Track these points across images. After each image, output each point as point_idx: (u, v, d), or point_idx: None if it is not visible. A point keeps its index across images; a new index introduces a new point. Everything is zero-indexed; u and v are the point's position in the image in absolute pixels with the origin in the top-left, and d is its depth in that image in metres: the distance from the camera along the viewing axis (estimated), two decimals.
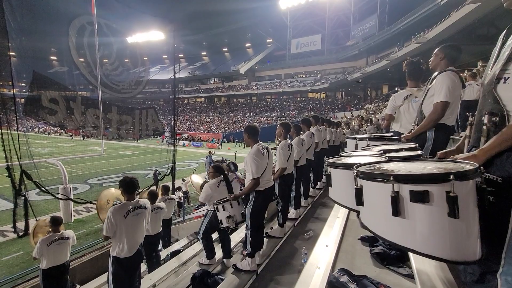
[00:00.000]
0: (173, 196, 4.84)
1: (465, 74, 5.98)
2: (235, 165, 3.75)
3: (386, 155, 1.58)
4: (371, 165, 1.26)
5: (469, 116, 1.24)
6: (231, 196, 2.85)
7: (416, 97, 2.85)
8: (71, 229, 8.77)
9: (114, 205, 2.69)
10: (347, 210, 3.77)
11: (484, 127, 1.08)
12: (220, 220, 2.95)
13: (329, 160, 1.63)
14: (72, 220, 9.48)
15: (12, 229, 6.48)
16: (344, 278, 2.13)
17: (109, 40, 11.68)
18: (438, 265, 1.82)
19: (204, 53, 65.43)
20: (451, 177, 0.86)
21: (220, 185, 3.30)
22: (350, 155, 1.94)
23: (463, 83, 2.31)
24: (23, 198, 5.44)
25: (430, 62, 2.42)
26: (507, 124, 1.02)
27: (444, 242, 0.90)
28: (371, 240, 2.83)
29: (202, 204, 9.81)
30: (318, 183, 5.63)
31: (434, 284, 1.66)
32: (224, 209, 2.89)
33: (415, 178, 0.95)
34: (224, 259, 3.41)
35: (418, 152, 1.74)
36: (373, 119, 10.71)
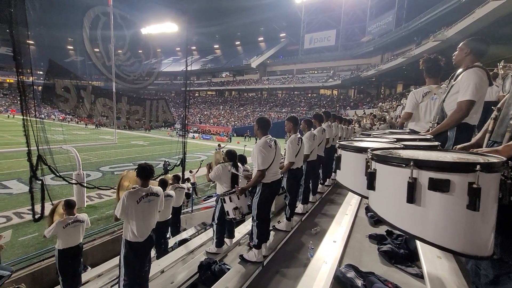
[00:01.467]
0: (183, 185, 4.92)
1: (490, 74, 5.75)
2: (244, 158, 3.78)
3: (401, 143, 1.53)
4: (386, 150, 1.22)
5: (494, 109, 1.19)
6: (238, 189, 2.88)
7: (435, 94, 2.75)
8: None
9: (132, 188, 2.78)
10: (356, 207, 3.74)
11: (511, 121, 1.03)
12: (227, 211, 2.99)
13: (341, 143, 1.60)
14: (85, 206, 9.80)
15: (30, 212, 6.76)
16: (351, 274, 2.12)
17: (123, 31, 11.77)
18: (449, 267, 1.78)
19: (216, 46, 65.37)
20: (478, 167, 0.83)
21: (230, 170, 3.36)
22: (362, 140, 1.90)
23: (491, 80, 2.18)
24: (40, 182, 5.66)
25: (453, 57, 2.30)
26: None
27: (457, 234, 0.88)
28: (379, 238, 2.80)
29: (210, 197, 9.94)
30: (327, 179, 5.59)
31: (444, 284, 1.62)
32: (231, 201, 2.93)
33: (438, 166, 0.91)
34: (227, 239, 3.57)
35: (435, 143, 1.68)
36: (387, 117, 10.47)
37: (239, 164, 3.77)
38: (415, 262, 2.37)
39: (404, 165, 0.95)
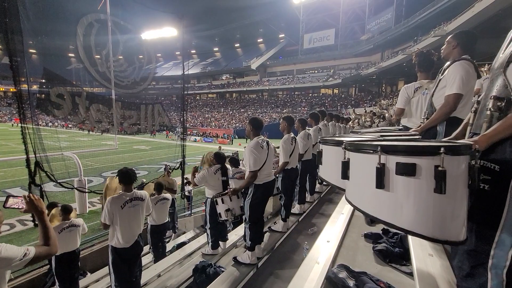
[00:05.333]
0: (167, 195, 4.76)
1: (485, 68, 5.69)
2: (236, 160, 3.76)
3: (383, 137, 1.53)
4: (362, 141, 1.22)
5: (474, 103, 1.16)
6: (230, 190, 2.85)
7: (426, 89, 2.71)
8: (85, 220, 9.08)
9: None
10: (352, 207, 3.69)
11: (488, 112, 1.00)
12: (219, 213, 2.96)
13: (322, 138, 1.61)
14: (87, 212, 9.83)
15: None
16: (343, 274, 2.08)
17: (116, 37, 11.83)
18: (440, 264, 1.74)
19: (216, 49, 65.68)
20: (442, 149, 0.83)
21: (216, 173, 3.34)
22: (345, 136, 1.90)
23: (478, 73, 2.15)
24: (39, 188, 5.69)
25: (442, 51, 2.27)
26: None
27: (427, 219, 0.87)
28: (374, 237, 2.76)
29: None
30: None
31: (435, 282, 1.58)
32: (223, 202, 2.90)
33: (404, 150, 0.92)
34: (220, 242, 3.54)
35: (416, 136, 1.67)
36: (386, 114, 10.40)
37: (229, 166, 3.75)
38: (410, 260, 2.32)
39: (372, 151, 0.96)
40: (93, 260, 5.33)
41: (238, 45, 62.96)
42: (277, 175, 3.43)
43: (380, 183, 0.92)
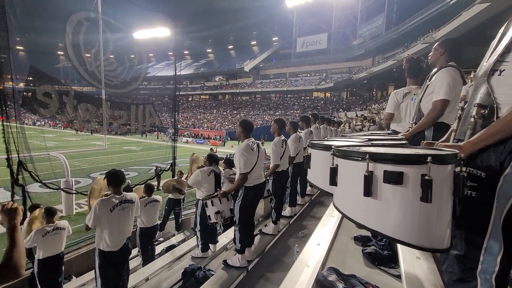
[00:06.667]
0: (157, 197, 4.67)
1: (471, 75, 5.86)
2: (231, 161, 3.73)
3: (371, 142, 1.54)
4: (351, 146, 1.22)
5: (459, 109, 1.19)
6: (220, 192, 2.82)
7: (414, 94, 2.77)
8: (72, 222, 8.84)
9: (105, 196, 2.68)
10: None
11: (472, 119, 1.03)
12: (209, 216, 2.93)
13: (310, 141, 1.60)
14: (74, 213, 9.58)
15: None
16: (332, 277, 2.08)
17: (106, 36, 11.62)
18: (427, 267, 1.76)
19: (209, 50, 65.52)
20: (428, 159, 0.83)
21: (210, 174, 3.31)
22: (334, 139, 1.91)
23: (464, 79, 2.22)
24: (22, 189, 5.50)
25: (429, 57, 2.33)
26: (495, 117, 0.97)
27: (413, 227, 0.88)
28: (364, 240, 2.78)
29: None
30: None
31: (422, 285, 1.60)
32: (212, 205, 2.87)
33: (391, 158, 0.92)
34: (210, 244, 3.51)
35: (403, 142, 1.69)
36: (376, 119, 10.57)
37: (221, 168, 3.73)
38: (398, 263, 2.35)
39: (360, 159, 0.96)
40: (79, 263, 5.18)
41: (231, 47, 62.99)
42: (268, 178, 3.43)
43: (368, 191, 0.92)
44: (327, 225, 3.14)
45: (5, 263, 1.12)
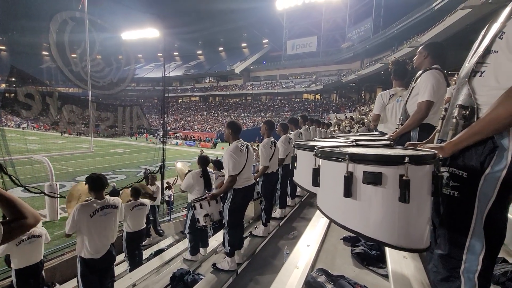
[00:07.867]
0: (145, 201, 4.53)
1: (455, 78, 6.07)
2: (220, 163, 3.70)
3: (356, 143, 1.55)
4: (334, 147, 1.22)
5: (442, 110, 1.21)
6: (209, 195, 2.79)
7: (400, 96, 2.83)
8: (56, 227, 8.54)
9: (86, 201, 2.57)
10: None
11: (453, 120, 1.05)
12: (197, 219, 2.89)
13: (297, 142, 1.61)
14: (58, 218, 9.26)
15: None
16: (321, 278, 2.08)
17: (93, 36, 11.34)
18: (414, 266, 1.79)
19: (199, 52, 65.13)
20: (406, 159, 0.84)
21: (202, 177, 3.27)
22: (320, 140, 1.92)
23: (448, 81, 2.28)
24: None
25: (414, 61, 2.39)
26: (475, 118, 0.99)
27: (392, 228, 0.88)
28: (353, 240, 2.80)
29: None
30: None
31: (409, 284, 1.62)
32: (201, 207, 2.82)
33: (370, 159, 0.93)
34: (201, 248, 3.47)
35: (388, 142, 1.72)
36: (365, 120, 10.75)
37: (211, 170, 3.69)
38: (386, 263, 2.37)
39: (341, 160, 0.97)
40: (63, 270, 5.00)
41: (222, 48, 62.84)
42: (257, 179, 3.42)
43: (348, 191, 0.93)
44: (316, 226, 3.15)
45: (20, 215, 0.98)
